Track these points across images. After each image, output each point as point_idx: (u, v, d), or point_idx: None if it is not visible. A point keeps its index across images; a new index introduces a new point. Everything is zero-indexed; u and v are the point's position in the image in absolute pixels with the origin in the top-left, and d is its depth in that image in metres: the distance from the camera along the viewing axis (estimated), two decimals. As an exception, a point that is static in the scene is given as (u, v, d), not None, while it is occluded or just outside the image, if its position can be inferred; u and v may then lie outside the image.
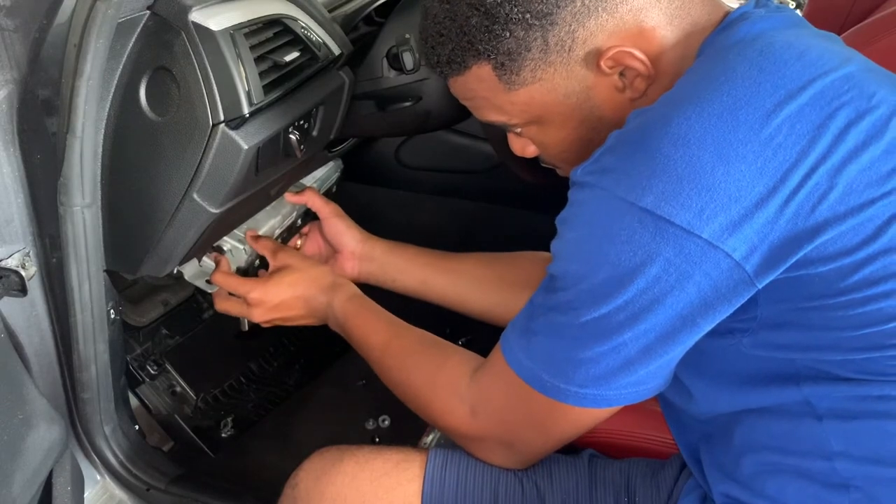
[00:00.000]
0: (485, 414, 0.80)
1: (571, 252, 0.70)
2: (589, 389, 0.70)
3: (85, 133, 0.79)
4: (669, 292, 0.64)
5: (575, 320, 0.69)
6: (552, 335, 0.72)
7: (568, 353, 0.70)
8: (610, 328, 0.67)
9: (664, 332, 0.66)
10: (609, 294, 0.66)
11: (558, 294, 0.71)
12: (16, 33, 0.78)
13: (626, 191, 0.64)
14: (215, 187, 0.85)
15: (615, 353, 0.68)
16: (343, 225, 1.14)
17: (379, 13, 1.12)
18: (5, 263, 0.83)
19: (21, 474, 0.74)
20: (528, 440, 0.79)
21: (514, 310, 1.07)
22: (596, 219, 0.67)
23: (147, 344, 1.28)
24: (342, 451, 0.89)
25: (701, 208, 0.61)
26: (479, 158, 1.46)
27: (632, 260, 0.64)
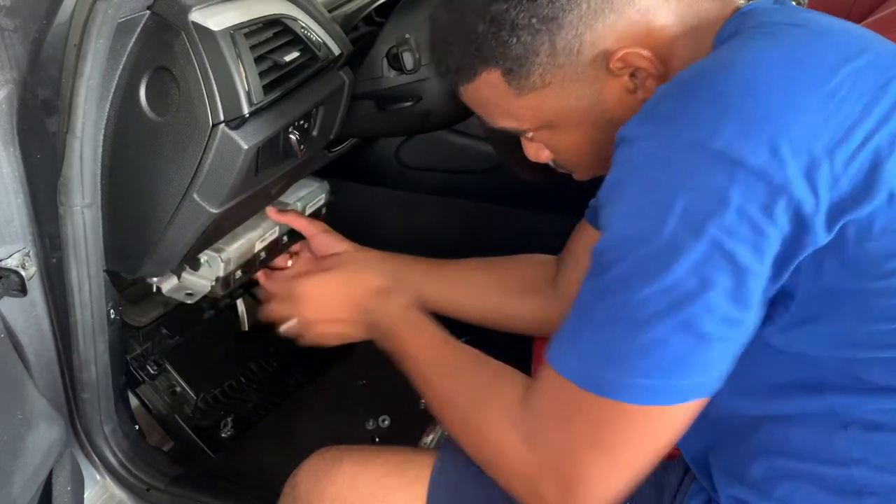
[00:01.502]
0: (541, 443, 0.67)
1: (628, 213, 0.62)
2: (659, 380, 0.61)
3: (85, 133, 0.79)
4: (742, 245, 0.58)
5: (634, 295, 0.60)
6: (608, 322, 0.63)
7: (630, 337, 0.61)
8: (678, 298, 0.59)
9: (737, 294, 0.59)
10: (677, 254, 0.59)
11: (612, 270, 0.62)
12: (16, 33, 0.78)
13: (693, 134, 0.60)
14: (215, 187, 0.85)
15: (687, 328, 0.59)
16: (331, 239, 1.12)
17: (379, 13, 1.12)
18: (5, 263, 0.83)
19: (21, 474, 0.74)
20: (593, 473, 0.65)
21: (515, 315, 1.07)
22: (659, 168, 0.61)
23: (147, 344, 1.28)
24: (342, 451, 0.89)
25: (773, 152, 0.57)
26: (479, 158, 1.46)
27: (703, 208, 0.58)
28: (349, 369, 1.49)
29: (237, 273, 1.08)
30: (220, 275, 1.05)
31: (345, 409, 1.41)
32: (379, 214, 1.64)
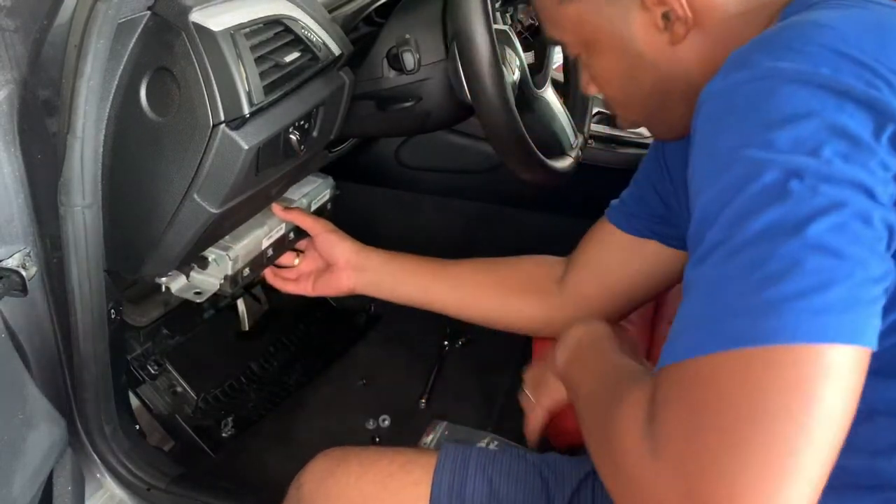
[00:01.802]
0: (666, 452, 0.52)
1: (731, 147, 0.56)
2: (799, 313, 0.49)
3: (85, 133, 0.80)
4: (861, 169, 0.53)
5: (747, 237, 0.52)
6: (722, 279, 0.53)
7: (754, 279, 0.51)
8: (802, 218, 0.51)
9: (867, 218, 0.52)
10: (790, 180, 0.52)
11: (713, 227, 0.54)
12: (16, 34, 0.78)
13: (792, 70, 0.56)
14: (216, 187, 0.85)
15: (820, 248, 0.51)
16: (336, 238, 1.14)
17: (379, 13, 1.12)
18: (6, 263, 0.83)
19: (22, 474, 0.74)
20: (736, 481, 0.49)
21: (517, 315, 1.07)
22: (757, 104, 0.56)
23: (147, 344, 1.28)
24: (346, 451, 0.89)
25: (877, 84, 0.55)
26: (479, 158, 1.46)
27: (814, 137, 0.53)
28: (349, 369, 1.50)
29: (245, 271, 1.09)
30: (229, 273, 1.06)
31: (345, 409, 1.41)
32: (379, 214, 1.64)
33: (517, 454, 0.89)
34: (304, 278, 1.18)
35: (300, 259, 1.18)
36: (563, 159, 1.12)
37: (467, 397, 1.39)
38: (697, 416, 0.52)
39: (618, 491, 0.57)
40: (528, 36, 1.17)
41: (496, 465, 0.86)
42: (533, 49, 1.17)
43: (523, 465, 0.87)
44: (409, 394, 1.42)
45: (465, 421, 1.24)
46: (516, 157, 0.99)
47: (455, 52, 0.98)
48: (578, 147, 1.18)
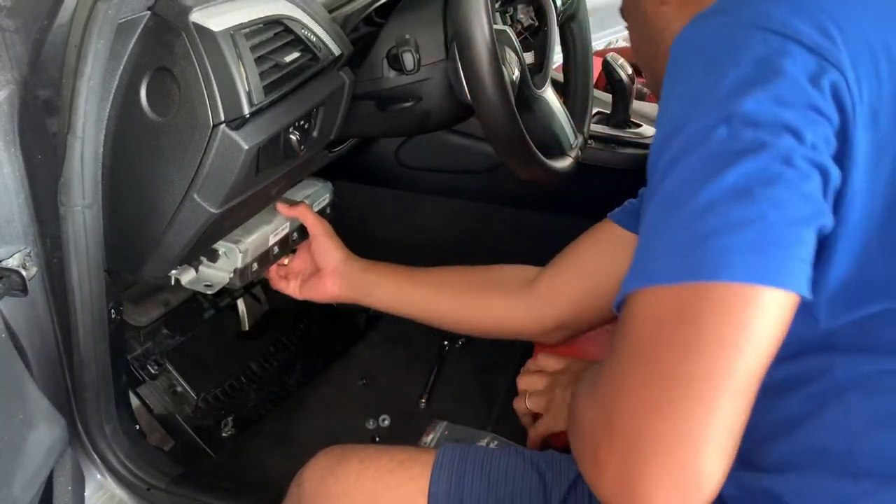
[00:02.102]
0: (601, 382, 0.57)
1: (681, 92, 0.60)
2: (733, 256, 0.52)
3: (86, 133, 0.80)
4: (798, 115, 0.56)
5: (673, 182, 0.56)
6: (652, 223, 0.57)
7: (690, 219, 0.55)
8: (715, 167, 0.55)
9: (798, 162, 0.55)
10: (715, 127, 0.56)
11: (663, 154, 0.58)
12: (17, 34, 0.78)
13: (747, 18, 0.59)
14: (216, 187, 0.85)
15: (746, 195, 0.53)
16: (331, 244, 1.15)
17: (379, 14, 1.12)
18: (6, 263, 0.84)
19: (22, 474, 0.74)
20: (665, 421, 0.52)
21: (488, 315, 1.06)
22: (711, 44, 0.60)
23: (147, 344, 1.28)
24: (346, 450, 0.90)
25: (825, 33, 0.58)
26: (479, 158, 1.46)
27: (757, 77, 0.56)
28: (349, 369, 1.50)
29: (254, 265, 1.10)
30: (238, 266, 1.06)
31: (345, 409, 1.41)
32: (379, 214, 1.64)
33: (515, 451, 0.89)
34: (292, 278, 1.19)
35: (291, 259, 1.19)
36: (562, 159, 1.12)
37: (467, 397, 1.39)
38: (626, 352, 0.56)
39: (574, 446, 0.62)
40: (528, 36, 1.17)
41: (494, 462, 0.87)
42: (533, 49, 1.17)
43: (521, 462, 0.87)
44: (409, 394, 1.42)
45: (465, 421, 1.24)
46: (516, 157, 0.99)
47: (455, 53, 0.98)
48: (578, 147, 1.18)
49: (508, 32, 1.05)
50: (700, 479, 0.52)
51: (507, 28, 1.07)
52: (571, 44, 1.27)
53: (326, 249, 1.15)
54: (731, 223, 0.53)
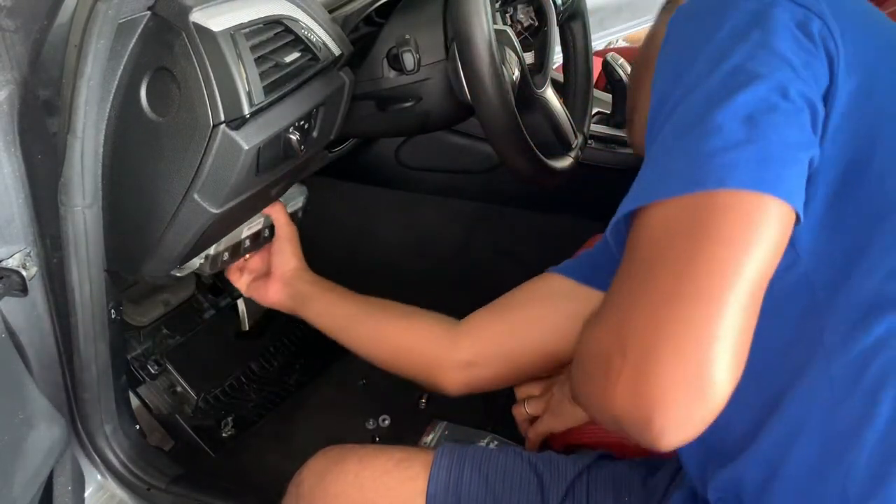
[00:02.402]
0: (606, 307, 0.59)
1: (678, 51, 0.64)
2: (737, 167, 0.56)
3: (86, 133, 0.80)
4: (790, 42, 0.61)
5: (680, 110, 0.60)
6: (660, 148, 0.60)
7: (696, 138, 0.58)
8: (735, 84, 0.59)
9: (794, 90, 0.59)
10: (727, 54, 0.60)
11: (666, 102, 0.62)
12: (17, 34, 0.78)
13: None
14: (216, 187, 0.85)
15: (749, 119, 0.57)
16: (289, 251, 1.15)
17: (379, 14, 1.12)
18: (6, 263, 0.84)
19: (22, 474, 0.74)
20: (675, 328, 0.54)
21: (407, 336, 1.02)
22: (703, 8, 0.65)
23: (148, 344, 1.28)
24: (345, 449, 0.90)
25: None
26: (479, 158, 1.46)
27: (750, 24, 0.61)
28: (349, 369, 1.49)
29: (225, 254, 1.10)
30: (210, 252, 1.06)
31: (345, 409, 1.41)
32: (379, 214, 1.64)
33: (513, 452, 0.90)
34: (247, 273, 1.19)
35: (252, 255, 1.19)
36: (562, 159, 1.12)
37: (467, 397, 1.39)
38: (636, 268, 0.58)
39: (579, 378, 0.63)
40: (528, 36, 1.17)
41: (492, 462, 0.87)
42: (533, 49, 1.17)
43: (519, 462, 0.87)
44: (409, 394, 1.42)
45: (465, 421, 1.24)
46: (516, 157, 0.99)
47: (455, 53, 0.98)
48: (578, 147, 1.18)
49: (508, 32, 1.05)
50: (713, 383, 0.53)
51: (507, 28, 1.07)
52: (571, 44, 1.27)
53: (283, 254, 1.15)
54: (736, 142, 0.56)
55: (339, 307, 1.09)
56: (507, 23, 1.14)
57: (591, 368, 0.60)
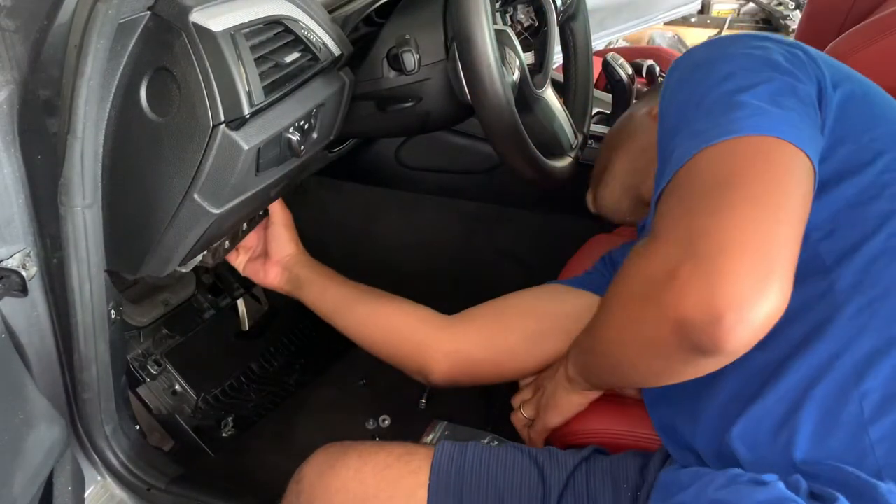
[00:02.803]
0: (668, 235, 0.65)
1: (684, 89, 0.75)
2: (753, 121, 0.66)
3: (86, 133, 0.79)
4: (790, 67, 0.73)
5: (712, 98, 0.70)
6: (705, 113, 0.70)
7: (713, 115, 0.69)
8: (741, 87, 0.70)
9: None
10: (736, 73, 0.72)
11: (687, 107, 0.72)
12: (17, 34, 0.78)
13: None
14: (216, 188, 0.85)
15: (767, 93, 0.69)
16: (286, 236, 1.17)
17: (379, 14, 1.12)
18: (6, 264, 0.83)
19: (22, 474, 0.74)
20: (700, 212, 0.63)
21: (397, 318, 1.06)
22: (703, 56, 0.77)
23: (147, 344, 1.28)
24: (346, 446, 0.90)
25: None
26: (479, 158, 1.46)
27: (748, 57, 0.74)
28: (349, 369, 1.50)
29: (226, 243, 1.11)
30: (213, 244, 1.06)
31: (345, 409, 1.41)
32: (379, 214, 1.64)
33: (513, 446, 0.90)
34: (242, 252, 1.21)
35: (244, 232, 1.20)
36: (562, 159, 1.12)
37: (467, 397, 1.39)
38: (678, 200, 0.66)
39: (633, 290, 0.68)
40: (527, 36, 1.17)
41: (493, 455, 0.88)
42: (533, 49, 1.17)
43: (519, 455, 0.88)
44: (409, 394, 1.42)
45: (465, 421, 1.24)
46: (516, 157, 0.99)
47: (455, 53, 0.98)
48: (578, 147, 1.18)
49: (508, 32, 1.05)
50: (780, 279, 0.59)
51: (507, 28, 1.07)
52: (571, 44, 1.27)
53: (281, 239, 1.17)
54: (766, 109, 0.67)
55: (334, 291, 1.12)
56: (507, 23, 1.14)
57: (647, 289, 0.65)
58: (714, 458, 0.76)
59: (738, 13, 3.47)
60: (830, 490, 0.64)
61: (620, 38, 2.87)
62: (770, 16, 3.35)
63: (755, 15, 3.45)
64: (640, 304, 0.66)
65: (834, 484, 0.65)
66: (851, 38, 1.56)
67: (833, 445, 0.68)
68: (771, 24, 3.36)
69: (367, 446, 0.90)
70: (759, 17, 3.44)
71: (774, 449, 0.70)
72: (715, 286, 0.58)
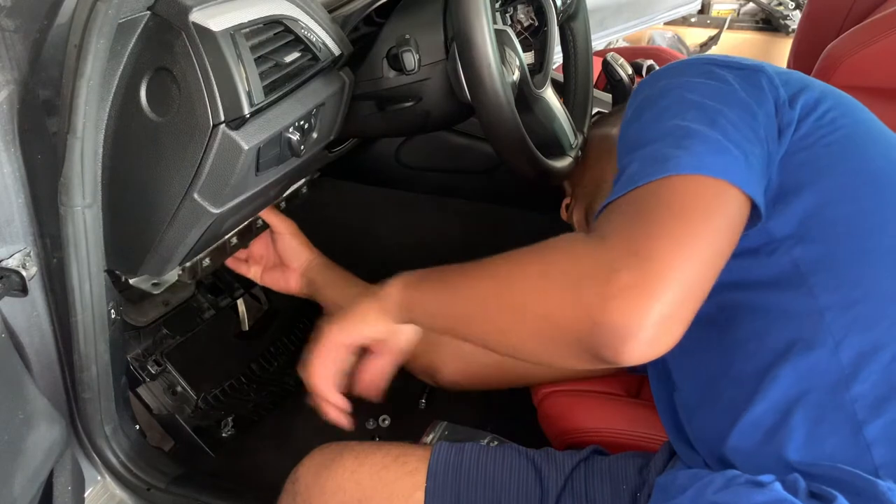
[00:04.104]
0: (612, 238, 0.69)
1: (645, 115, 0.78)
2: (706, 155, 0.70)
3: (85, 133, 0.79)
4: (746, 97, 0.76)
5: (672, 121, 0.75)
6: (658, 138, 0.74)
7: (677, 133, 0.73)
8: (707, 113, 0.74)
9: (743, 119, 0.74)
10: (702, 104, 0.75)
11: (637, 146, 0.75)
12: (16, 34, 0.78)
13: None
14: (216, 187, 0.85)
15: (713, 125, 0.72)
16: (296, 244, 1.19)
17: (379, 13, 1.12)
18: (6, 263, 0.84)
19: (22, 474, 0.74)
20: (666, 248, 0.66)
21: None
22: (676, 69, 0.81)
23: (147, 344, 1.28)
24: (342, 446, 0.90)
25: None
26: (479, 158, 1.46)
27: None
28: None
29: (205, 261, 1.07)
30: (187, 264, 1.05)
31: (345, 409, 1.41)
32: (379, 214, 1.64)
33: (510, 448, 0.90)
34: (253, 262, 1.21)
35: (250, 244, 1.20)
36: (563, 159, 1.12)
37: (467, 397, 1.39)
38: (633, 215, 0.70)
39: (574, 272, 0.69)
40: (528, 36, 1.17)
41: (490, 457, 0.87)
42: (533, 49, 1.17)
43: (516, 456, 0.88)
44: (409, 394, 1.42)
45: (465, 421, 1.24)
46: (516, 156, 0.99)
47: (455, 53, 0.98)
48: (578, 147, 1.18)
49: (508, 32, 1.05)
50: (686, 321, 0.65)
51: (507, 28, 1.06)
52: (571, 44, 1.27)
53: (294, 249, 1.19)
54: (705, 140, 0.72)
55: (348, 291, 1.16)
56: (507, 23, 1.14)
57: (577, 278, 0.67)
58: (715, 463, 0.76)
59: (738, 13, 3.46)
60: (829, 489, 0.64)
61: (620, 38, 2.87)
62: (770, 16, 3.35)
63: (755, 15, 3.45)
64: (563, 287, 0.68)
65: (832, 483, 0.65)
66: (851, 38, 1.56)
67: (829, 449, 0.68)
68: (771, 24, 3.36)
69: (364, 447, 0.90)
70: (759, 17, 3.43)
71: (769, 456, 0.71)
72: (642, 307, 0.62)
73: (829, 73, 1.58)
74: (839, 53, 1.57)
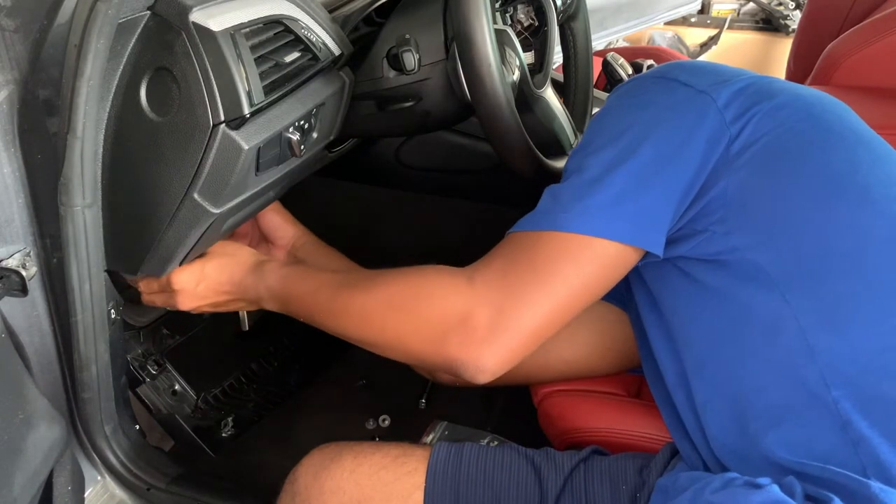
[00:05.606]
0: (481, 280, 0.80)
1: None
2: (593, 216, 0.77)
3: (85, 133, 0.79)
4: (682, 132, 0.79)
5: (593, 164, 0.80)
6: (552, 199, 0.82)
7: (578, 187, 0.80)
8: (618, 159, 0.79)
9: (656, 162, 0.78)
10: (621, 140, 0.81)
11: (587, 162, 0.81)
12: (16, 34, 0.78)
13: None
14: (216, 187, 0.85)
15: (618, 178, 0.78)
16: (279, 219, 1.17)
17: (379, 13, 1.12)
18: (6, 263, 0.83)
19: (21, 474, 0.74)
20: (524, 297, 0.77)
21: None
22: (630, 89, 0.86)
23: (147, 344, 1.28)
24: (341, 446, 0.90)
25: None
26: (479, 158, 1.46)
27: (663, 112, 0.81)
28: (349, 369, 1.49)
29: None
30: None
31: (345, 409, 1.41)
32: (379, 214, 1.64)
33: (510, 447, 0.90)
34: (239, 237, 1.19)
35: None
36: (563, 159, 1.12)
37: (467, 397, 1.39)
38: (508, 262, 0.80)
39: (430, 316, 0.81)
40: (528, 36, 1.17)
41: (489, 456, 0.87)
42: (533, 49, 1.17)
43: (516, 457, 0.88)
44: (409, 394, 1.42)
45: (465, 421, 1.24)
46: (516, 156, 1.00)
47: (455, 53, 0.98)
48: (578, 147, 1.18)
49: (508, 32, 1.05)
50: (528, 347, 0.78)
51: (507, 28, 1.07)
52: (571, 44, 1.27)
53: (277, 224, 1.16)
54: (627, 196, 0.79)
55: (333, 261, 1.17)
56: (507, 23, 1.14)
57: (442, 315, 0.79)
58: (714, 465, 0.77)
59: (738, 13, 3.46)
60: (825, 492, 0.65)
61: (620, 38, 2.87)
62: (770, 16, 3.35)
63: (755, 15, 3.45)
64: (429, 322, 0.80)
65: (827, 485, 0.66)
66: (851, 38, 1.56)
67: (817, 449, 0.69)
68: (771, 24, 3.36)
69: (363, 447, 0.90)
70: (759, 17, 3.43)
71: (757, 457, 0.72)
72: (491, 355, 0.77)
73: (829, 73, 1.58)
74: (839, 53, 1.57)
